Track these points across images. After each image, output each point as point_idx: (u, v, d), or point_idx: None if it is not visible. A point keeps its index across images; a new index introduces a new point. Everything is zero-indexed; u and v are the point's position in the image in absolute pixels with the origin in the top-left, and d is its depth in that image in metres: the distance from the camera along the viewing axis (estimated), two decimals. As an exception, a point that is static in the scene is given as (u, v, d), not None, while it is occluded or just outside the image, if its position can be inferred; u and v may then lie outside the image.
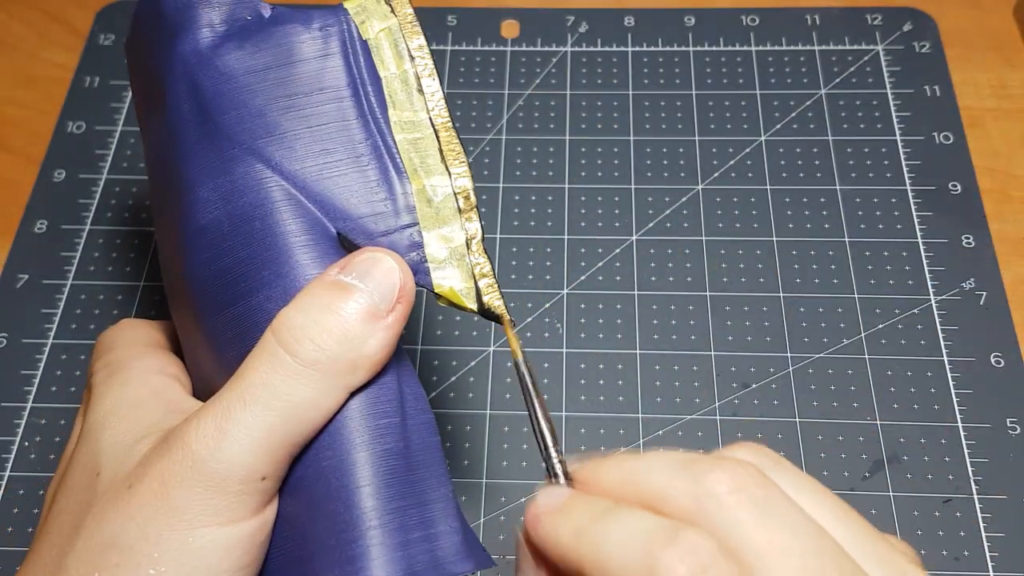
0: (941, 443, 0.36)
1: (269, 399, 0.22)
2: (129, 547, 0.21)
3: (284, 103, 0.25)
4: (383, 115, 0.26)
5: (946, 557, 0.34)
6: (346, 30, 0.26)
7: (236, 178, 0.25)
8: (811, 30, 0.48)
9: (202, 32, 0.26)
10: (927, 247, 0.41)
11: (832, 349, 0.38)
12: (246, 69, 0.26)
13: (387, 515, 0.22)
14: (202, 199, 0.25)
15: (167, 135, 0.26)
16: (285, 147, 0.25)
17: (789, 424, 0.37)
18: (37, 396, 0.38)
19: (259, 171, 0.25)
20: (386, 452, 0.23)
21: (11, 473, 0.36)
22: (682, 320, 0.39)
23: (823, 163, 0.43)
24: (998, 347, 0.38)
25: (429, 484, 0.24)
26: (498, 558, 0.34)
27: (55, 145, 0.45)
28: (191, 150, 0.25)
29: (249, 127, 0.25)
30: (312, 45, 0.26)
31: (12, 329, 0.39)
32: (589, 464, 0.21)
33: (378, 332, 0.23)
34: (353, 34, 0.27)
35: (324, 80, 0.26)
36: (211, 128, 0.25)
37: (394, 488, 0.23)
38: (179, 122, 0.26)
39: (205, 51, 0.26)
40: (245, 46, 0.26)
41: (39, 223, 0.42)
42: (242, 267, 0.24)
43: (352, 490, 0.22)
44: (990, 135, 0.44)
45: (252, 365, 0.22)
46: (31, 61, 0.48)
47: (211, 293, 0.25)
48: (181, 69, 0.26)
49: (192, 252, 0.25)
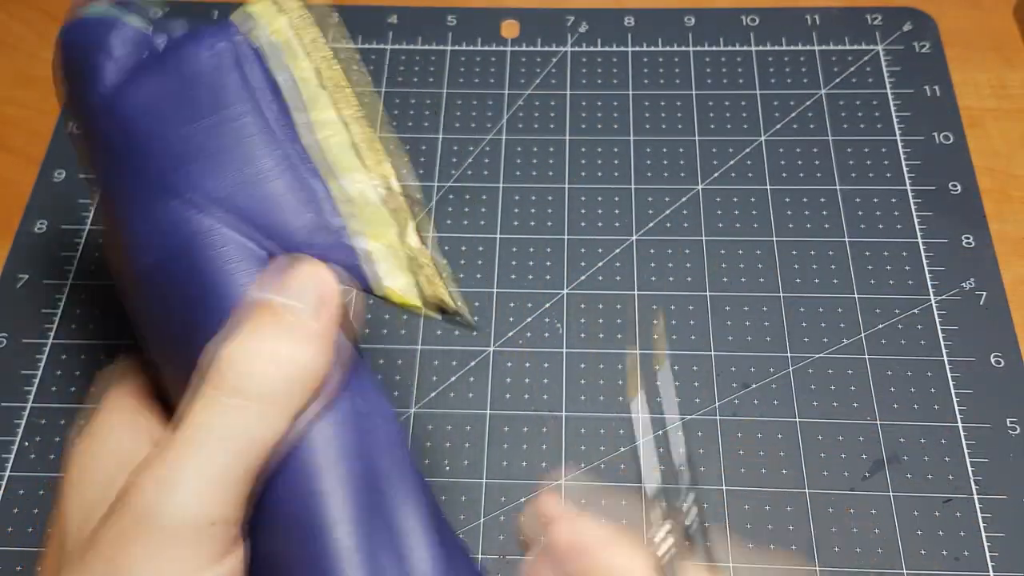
0: (941, 443, 0.36)
1: (207, 440, 0.20)
2: None
3: (190, 130, 0.25)
4: (287, 120, 0.25)
5: (946, 557, 0.34)
6: (236, 41, 0.26)
7: (160, 220, 0.24)
8: (811, 30, 0.48)
9: (102, 81, 0.25)
10: (927, 247, 0.41)
11: (832, 349, 0.38)
12: (148, 107, 0.25)
13: (362, 553, 0.21)
14: (139, 245, 0.24)
15: (98, 175, 0.26)
16: (199, 176, 0.24)
17: (789, 424, 0.37)
18: (37, 396, 0.38)
19: (178, 208, 0.24)
20: (349, 474, 0.22)
21: (11, 473, 0.36)
22: (682, 320, 0.39)
23: (823, 163, 0.43)
24: (998, 347, 0.38)
25: (400, 507, 0.23)
26: (498, 558, 0.34)
27: (55, 145, 0.45)
28: (120, 196, 0.25)
29: (161, 165, 0.24)
30: (207, 63, 0.25)
31: (12, 329, 0.39)
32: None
33: (309, 345, 0.22)
34: (243, 44, 0.26)
35: (223, 99, 0.25)
36: (128, 172, 0.25)
37: (363, 516, 0.22)
38: (103, 168, 0.25)
39: (107, 99, 0.25)
40: (146, 83, 0.25)
41: (39, 223, 0.42)
42: (185, 308, 0.24)
43: (322, 529, 0.21)
44: (990, 135, 0.44)
45: (188, 408, 0.21)
46: (31, 61, 0.48)
47: (164, 335, 0.24)
48: (91, 118, 0.26)
49: (139, 296, 0.25)
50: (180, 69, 0.25)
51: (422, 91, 0.46)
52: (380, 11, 0.49)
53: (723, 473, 0.36)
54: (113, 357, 0.39)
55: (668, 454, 0.35)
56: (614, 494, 0.35)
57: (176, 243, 0.24)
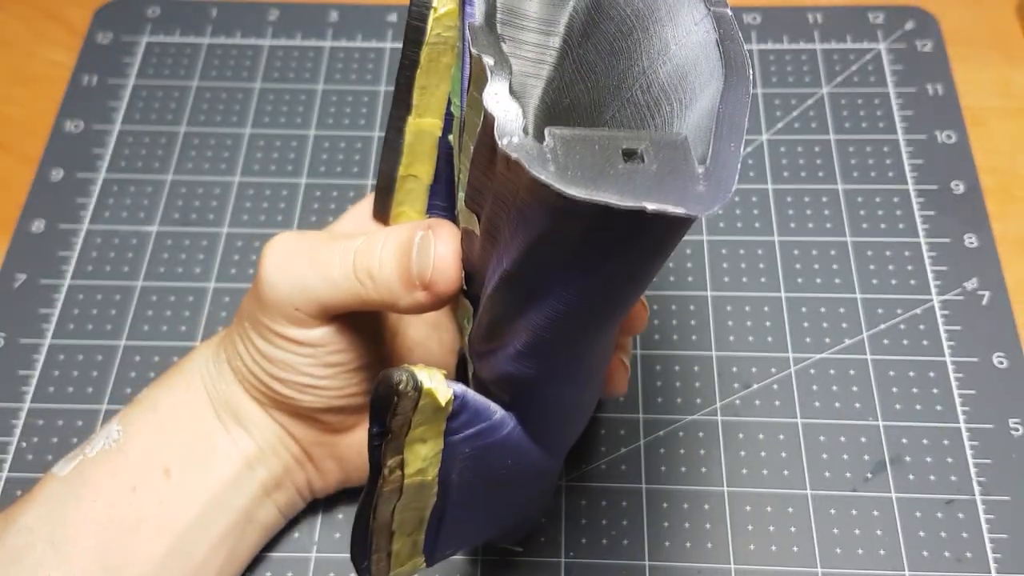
0: (944, 444, 0.36)
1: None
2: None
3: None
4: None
5: (949, 559, 0.33)
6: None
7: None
8: (813, 28, 0.48)
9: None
10: (929, 247, 0.41)
11: (834, 349, 0.38)
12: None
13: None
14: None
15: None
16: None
17: (791, 425, 0.36)
18: (35, 397, 0.38)
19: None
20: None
21: (8, 474, 0.36)
22: (683, 319, 0.39)
23: (825, 162, 0.43)
24: (1001, 347, 0.38)
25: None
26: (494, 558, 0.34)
27: (53, 144, 0.44)
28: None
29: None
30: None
31: (10, 329, 0.39)
32: None
33: (414, 294, 0.26)
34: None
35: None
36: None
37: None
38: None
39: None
40: None
41: (37, 223, 0.42)
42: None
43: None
44: (993, 134, 0.44)
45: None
46: (29, 60, 0.48)
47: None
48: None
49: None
50: None
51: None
52: (380, 10, 0.49)
53: (724, 474, 0.35)
54: (111, 358, 0.38)
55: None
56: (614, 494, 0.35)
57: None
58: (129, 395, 0.37)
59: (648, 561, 0.34)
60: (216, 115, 0.45)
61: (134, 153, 0.44)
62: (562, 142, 0.18)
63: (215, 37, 0.48)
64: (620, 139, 0.18)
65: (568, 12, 0.25)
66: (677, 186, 0.18)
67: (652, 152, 0.18)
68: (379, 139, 0.45)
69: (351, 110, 0.46)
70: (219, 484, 0.30)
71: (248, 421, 0.31)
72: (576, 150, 0.18)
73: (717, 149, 0.19)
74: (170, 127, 0.45)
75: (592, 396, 0.28)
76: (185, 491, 0.30)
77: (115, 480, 0.30)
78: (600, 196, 0.17)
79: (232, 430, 0.31)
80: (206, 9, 0.49)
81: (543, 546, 0.34)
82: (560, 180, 0.17)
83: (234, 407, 0.31)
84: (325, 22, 0.49)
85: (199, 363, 0.32)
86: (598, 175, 0.18)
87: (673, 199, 0.18)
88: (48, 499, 0.29)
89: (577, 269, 0.21)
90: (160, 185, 0.43)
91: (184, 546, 0.29)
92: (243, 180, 0.43)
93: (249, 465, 0.31)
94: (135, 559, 0.29)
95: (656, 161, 0.18)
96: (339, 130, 0.45)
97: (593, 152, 0.18)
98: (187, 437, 0.31)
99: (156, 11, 0.49)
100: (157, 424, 0.31)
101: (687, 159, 0.18)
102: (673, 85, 0.22)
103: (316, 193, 0.43)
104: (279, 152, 0.44)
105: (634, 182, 0.18)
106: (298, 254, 0.28)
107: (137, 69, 0.47)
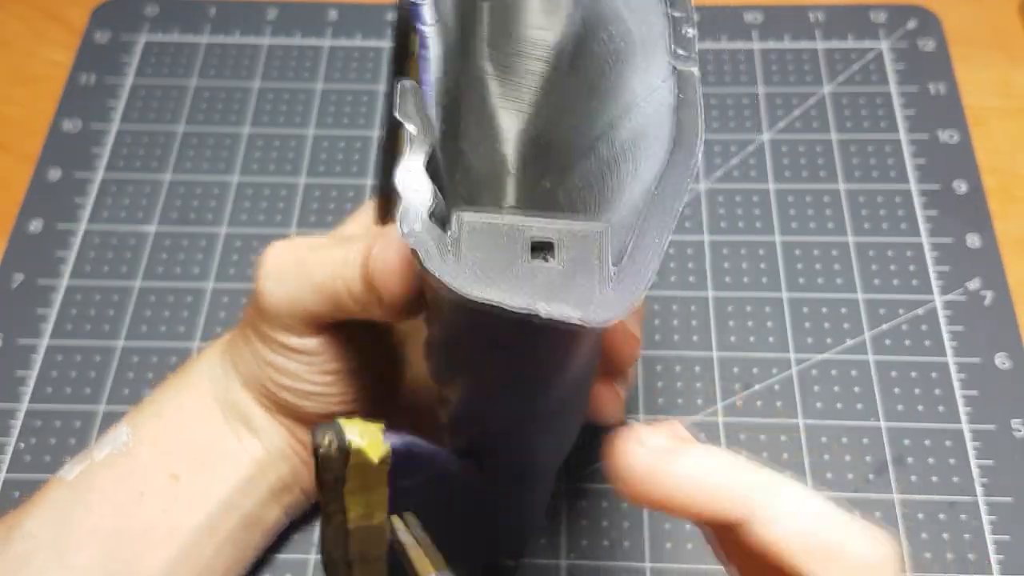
0: (946, 445, 0.36)
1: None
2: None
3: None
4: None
5: (951, 560, 0.33)
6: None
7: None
8: (814, 28, 0.47)
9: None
10: (931, 247, 0.40)
11: (836, 349, 0.38)
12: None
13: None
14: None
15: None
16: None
17: (792, 425, 0.36)
18: (33, 397, 0.37)
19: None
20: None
21: (7, 475, 0.36)
22: (684, 319, 0.39)
23: (826, 162, 0.43)
24: (1003, 348, 0.38)
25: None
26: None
27: (50, 143, 0.44)
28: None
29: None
30: None
31: (7, 330, 0.39)
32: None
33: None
34: None
35: None
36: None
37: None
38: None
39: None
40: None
41: (34, 222, 0.42)
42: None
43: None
44: (995, 134, 0.44)
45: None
46: (27, 59, 0.48)
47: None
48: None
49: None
50: None
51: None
52: (379, 9, 0.49)
53: (726, 475, 0.35)
54: (109, 358, 0.38)
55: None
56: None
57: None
58: (127, 396, 0.37)
59: (649, 563, 0.34)
60: (215, 114, 0.45)
61: (132, 153, 0.44)
62: (469, 230, 0.17)
63: (214, 36, 0.48)
64: (530, 229, 0.17)
65: (559, 35, 0.24)
66: (581, 287, 0.17)
67: (563, 246, 0.17)
68: (379, 139, 0.44)
69: (350, 109, 0.45)
70: (227, 489, 0.30)
71: (256, 426, 0.31)
72: (481, 241, 0.17)
73: (638, 245, 0.17)
74: (168, 126, 0.45)
75: (564, 436, 0.27)
76: (193, 497, 0.30)
77: (122, 486, 0.29)
78: (492, 295, 0.16)
79: (241, 434, 0.31)
80: (205, 8, 0.49)
81: (543, 548, 0.34)
82: (455, 276, 0.16)
83: (242, 412, 0.31)
84: (324, 21, 0.48)
85: (206, 367, 0.31)
86: (498, 270, 0.17)
87: (573, 302, 0.16)
88: (53, 505, 0.29)
89: (484, 352, 0.20)
90: (158, 185, 0.43)
91: (190, 552, 0.29)
92: (242, 180, 0.43)
93: (259, 469, 0.31)
94: (140, 568, 0.28)
95: (565, 257, 0.17)
96: (338, 129, 0.45)
97: (499, 243, 0.17)
98: (195, 442, 0.30)
99: (154, 10, 0.49)
100: (165, 428, 0.31)
101: (600, 256, 0.17)
102: (630, 145, 0.21)
103: (315, 193, 0.43)
104: (278, 152, 0.44)
105: (535, 281, 0.17)
106: (288, 264, 0.28)
107: (135, 68, 0.47)
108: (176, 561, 0.29)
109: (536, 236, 0.17)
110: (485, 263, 0.17)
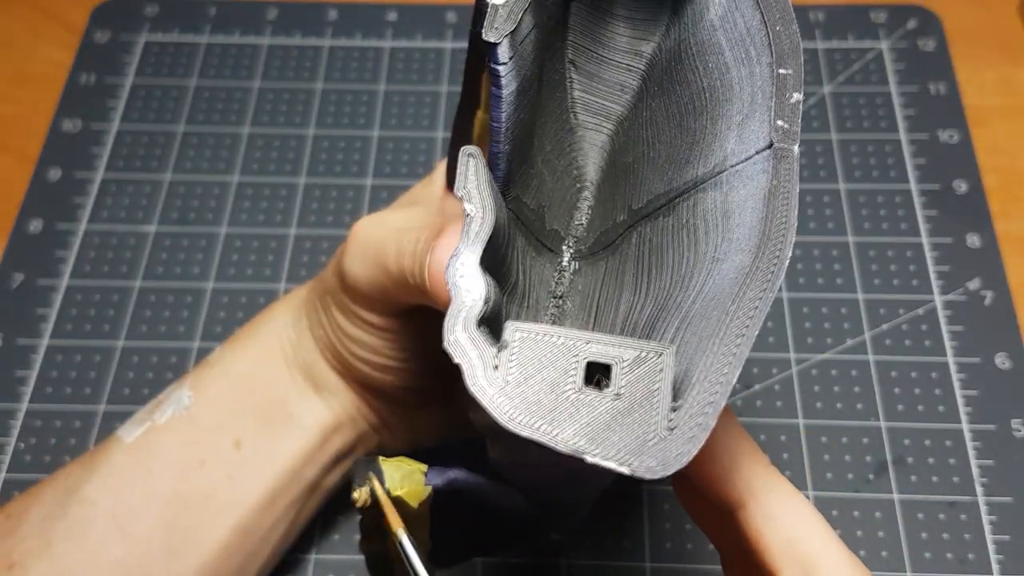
0: (946, 445, 0.36)
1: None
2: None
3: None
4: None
5: (951, 560, 0.33)
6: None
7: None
8: (815, 27, 0.47)
9: None
10: (932, 247, 0.40)
11: (836, 349, 0.38)
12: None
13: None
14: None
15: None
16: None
17: (792, 426, 0.36)
18: (33, 397, 0.37)
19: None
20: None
21: (7, 475, 0.36)
22: (684, 320, 0.39)
23: (827, 162, 0.43)
24: (1004, 348, 0.38)
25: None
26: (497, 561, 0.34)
27: (50, 144, 0.44)
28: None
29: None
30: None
31: (7, 330, 0.39)
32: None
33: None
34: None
35: None
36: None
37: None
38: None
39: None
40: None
41: (34, 222, 0.42)
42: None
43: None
44: (995, 133, 0.44)
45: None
46: (27, 59, 0.48)
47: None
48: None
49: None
50: None
51: (420, 89, 0.46)
52: (379, 9, 0.49)
53: (726, 475, 0.35)
54: (109, 358, 0.38)
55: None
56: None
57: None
58: (127, 396, 0.37)
59: (649, 563, 0.34)
60: (215, 114, 0.45)
61: (132, 153, 0.44)
62: (520, 341, 0.15)
63: (214, 36, 0.48)
64: (588, 349, 0.15)
65: (652, 48, 0.22)
66: (635, 428, 0.15)
67: (620, 374, 0.15)
68: (378, 138, 0.44)
69: (350, 109, 0.45)
70: (292, 458, 0.29)
71: (327, 390, 0.30)
72: (532, 354, 0.15)
73: (700, 380, 0.15)
74: (168, 126, 0.45)
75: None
76: (256, 465, 0.29)
77: (184, 453, 0.28)
78: (537, 432, 0.15)
79: (310, 398, 0.30)
80: (205, 8, 0.49)
81: (544, 548, 0.34)
82: (498, 401, 0.15)
83: (314, 375, 0.30)
84: (324, 21, 0.48)
85: (278, 325, 0.31)
86: (546, 393, 0.15)
87: (624, 449, 0.15)
88: (112, 470, 0.28)
89: (529, 452, 0.18)
90: (158, 185, 0.43)
91: (251, 522, 0.29)
92: (242, 180, 0.43)
93: (324, 436, 0.30)
94: (200, 538, 0.28)
95: (622, 384, 0.15)
96: (338, 129, 0.45)
97: (551, 362, 0.15)
98: (261, 405, 0.29)
99: (154, 10, 0.49)
100: (229, 391, 0.30)
101: (660, 390, 0.15)
102: (714, 221, 0.18)
103: (315, 193, 0.43)
104: (278, 151, 0.44)
105: (585, 413, 0.15)
106: (370, 248, 0.27)
107: (135, 68, 0.47)
108: (236, 531, 0.28)
109: (594, 357, 0.16)
110: (533, 384, 0.15)
